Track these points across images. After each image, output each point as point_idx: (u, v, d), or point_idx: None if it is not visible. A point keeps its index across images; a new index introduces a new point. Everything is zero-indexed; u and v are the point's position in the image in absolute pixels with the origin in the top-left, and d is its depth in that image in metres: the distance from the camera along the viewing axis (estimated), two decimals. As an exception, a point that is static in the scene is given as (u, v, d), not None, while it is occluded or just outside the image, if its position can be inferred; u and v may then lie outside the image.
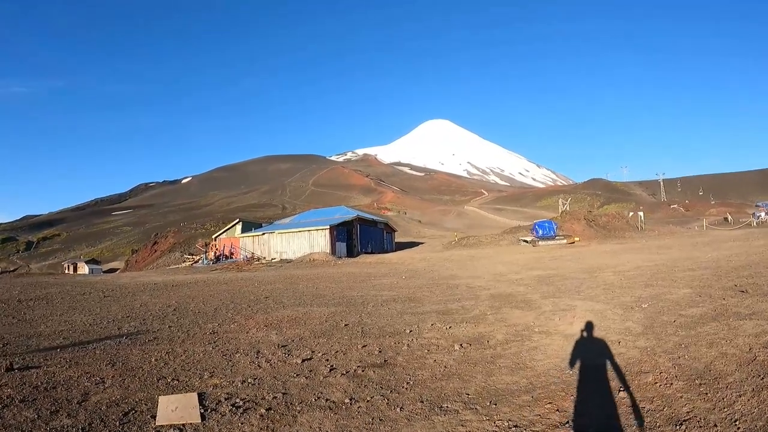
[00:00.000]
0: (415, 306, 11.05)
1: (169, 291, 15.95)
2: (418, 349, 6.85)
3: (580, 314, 8.51)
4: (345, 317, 9.72)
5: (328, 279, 19.66)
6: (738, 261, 15.22)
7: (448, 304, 11.02)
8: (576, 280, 13.95)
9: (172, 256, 62.48)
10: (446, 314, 9.70)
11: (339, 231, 41.00)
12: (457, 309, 10.26)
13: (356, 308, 10.93)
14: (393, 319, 9.33)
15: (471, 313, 9.61)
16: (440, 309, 10.40)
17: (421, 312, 10.13)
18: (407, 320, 9.18)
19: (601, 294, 10.72)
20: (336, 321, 9.32)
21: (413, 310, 10.39)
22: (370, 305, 11.33)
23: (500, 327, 8.02)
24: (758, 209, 59.01)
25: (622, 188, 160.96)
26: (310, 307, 11.21)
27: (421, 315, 9.76)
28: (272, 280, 20.32)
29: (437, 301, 11.64)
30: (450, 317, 9.30)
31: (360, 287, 15.87)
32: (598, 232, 41.38)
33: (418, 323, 8.79)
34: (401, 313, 10.05)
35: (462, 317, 9.21)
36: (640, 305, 8.87)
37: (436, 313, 9.95)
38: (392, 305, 11.26)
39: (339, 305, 11.46)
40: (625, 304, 9.20)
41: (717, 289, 9.81)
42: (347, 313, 10.30)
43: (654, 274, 13.73)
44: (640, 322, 7.55)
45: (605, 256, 22.39)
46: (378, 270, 23.99)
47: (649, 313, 8.19)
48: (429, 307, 10.72)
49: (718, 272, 12.68)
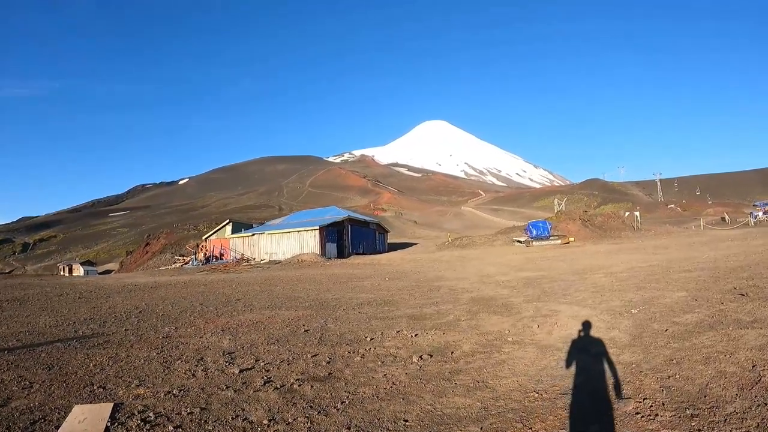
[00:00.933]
0: (389, 310, 10.27)
1: (145, 293, 15.43)
2: (372, 360, 6.07)
3: (563, 321, 7.66)
4: (309, 322, 9.02)
5: (309, 281, 18.84)
6: (736, 261, 14.40)
7: (424, 309, 10.20)
8: (564, 282, 13.10)
9: (163, 258, 62.06)
10: (418, 319, 8.89)
11: (329, 232, 40.16)
12: (431, 314, 9.43)
13: (325, 312, 10.22)
14: (359, 325, 8.60)
15: (444, 319, 8.76)
16: (414, 313, 9.59)
17: (392, 317, 9.34)
18: (374, 326, 8.43)
19: (588, 297, 9.87)
20: (298, 326, 8.66)
21: (385, 315, 9.63)
22: (341, 309, 10.68)
23: (471, 335, 7.17)
24: (756, 209, 58.22)
25: (619, 188, 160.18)
26: (277, 311, 10.60)
27: (391, 320, 8.97)
28: (252, 281, 19.56)
29: (413, 305, 10.81)
30: (421, 323, 8.47)
31: (338, 289, 15.13)
32: (594, 233, 40.59)
33: (384, 329, 8.02)
34: (371, 318, 9.30)
35: (433, 323, 8.38)
36: (630, 311, 8.03)
37: (407, 318, 9.14)
38: (365, 309, 10.56)
39: (309, 308, 10.80)
40: (614, 309, 8.36)
41: (714, 293, 8.97)
42: (314, 317, 9.60)
43: (648, 275, 12.89)
44: (627, 330, 6.70)
45: (599, 257, 21.56)
46: (364, 271, 23.13)
47: (639, 320, 7.34)
48: (402, 311, 9.92)
49: (716, 273, 11.85)
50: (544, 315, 8.37)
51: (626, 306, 8.53)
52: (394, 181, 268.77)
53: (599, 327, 7.08)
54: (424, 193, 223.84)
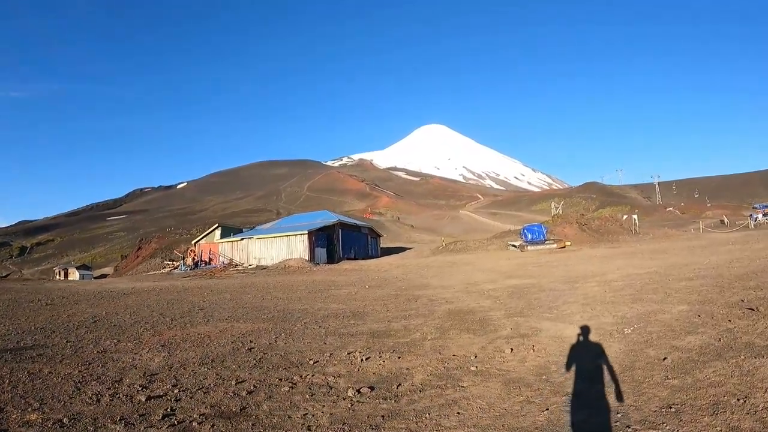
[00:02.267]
0: (353, 324, 9.24)
1: (114, 300, 14.63)
2: (301, 392, 5.12)
3: (542, 344, 6.53)
4: (260, 337, 8.08)
5: (285, 288, 17.73)
6: (741, 268, 13.27)
7: (392, 323, 9.12)
8: (554, 292, 11.96)
9: (153, 262, 61.23)
10: (379, 337, 7.82)
11: (318, 236, 39.03)
12: (397, 330, 8.33)
13: (284, 325, 9.22)
14: (311, 342, 7.62)
15: (409, 337, 7.65)
16: (378, 329, 8.52)
17: (353, 333, 8.33)
18: (327, 344, 7.44)
19: (577, 312, 8.73)
20: (245, 342, 7.75)
21: (346, 330, 8.61)
22: (302, 322, 9.72)
23: (430, 361, 6.05)
24: (755, 211, 57.01)
25: (618, 191, 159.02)
26: (235, 323, 9.70)
27: (350, 337, 7.94)
28: (227, 288, 18.56)
29: (382, 318, 9.73)
30: (380, 342, 7.40)
31: (311, 298, 14.17)
32: (591, 236, 39.44)
33: (336, 349, 7.02)
34: (329, 334, 8.29)
35: (394, 343, 7.28)
36: (623, 330, 6.89)
37: (369, 334, 8.08)
38: (328, 322, 9.58)
39: (269, 321, 9.84)
40: (604, 327, 7.22)
41: (720, 306, 7.84)
42: (269, 331, 8.65)
43: (645, 284, 11.75)
44: (617, 358, 5.56)
45: (594, 262, 20.42)
46: (348, 278, 21.99)
47: (632, 342, 6.21)
48: (367, 326, 8.87)
49: (720, 282, 10.72)
50: (522, 334, 7.23)
51: (619, 323, 7.40)
52: (392, 185, 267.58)
53: (584, 353, 5.94)
54: (422, 197, 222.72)
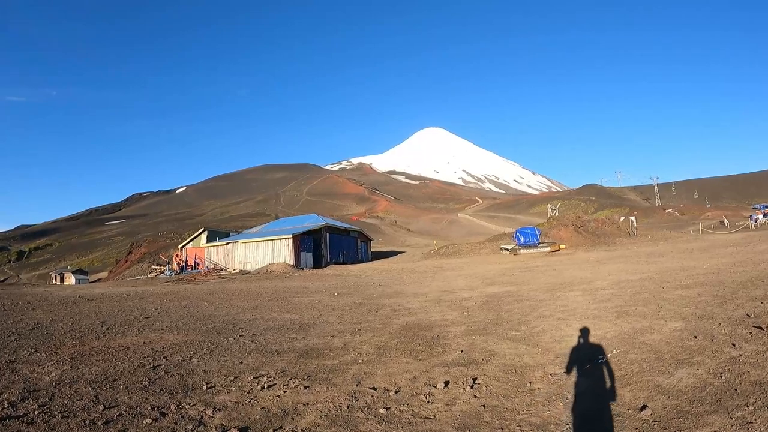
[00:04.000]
0: (292, 339, 8.04)
1: (72, 306, 13.73)
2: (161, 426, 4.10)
3: (488, 375, 5.09)
4: (178, 353, 7.05)
5: (249, 296, 16.41)
6: (744, 273, 11.82)
7: (336, 338, 7.86)
8: (531, 302, 10.50)
9: (140, 267, 60.59)
10: (309, 357, 6.64)
11: (304, 240, 37.65)
12: (335, 348, 7.07)
13: (214, 339, 8.18)
14: (228, 361, 6.49)
15: (340, 358, 6.33)
16: (314, 346, 7.30)
17: (283, 350, 7.14)
18: (243, 364, 6.35)
19: (549, 329, 7.28)
20: (157, 358, 6.72)
21: (278, 346, 7.41)
22: (238, 335, 8.52)
23: (340, 394, 4.69)
24: (755, 211, 55.42)
25: (616, 193, 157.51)
26: (167, 334, 8.79)
27: (275, 356, 6.77)
28: (192, 295, 17.30)
29: (327, 333, 8.50)
30: (304, 364, 6.21)
31: (267, 307, 12.92)
32: (587, 239, 37.96)
33: (246, 372, 5.92)
34: (255, 351, 7.10)
35: (318, 365, 6.06)
36: (597, 357, 5.43)
37: (299, 353, 6.89)
38: (266, 336, 8.45)
39: (203, 333, 8.85)
40: (574, 354, 5.76)
41: (721, 323, 6.40)
42: (192, 345, 7.63)
43: (635, 293, 10.30)
44: (580, 406, 4.11)
45: (585, 267, 18.95)
46: (323, 284, 20.57)
47: (604, 379, 4.75)
48: (305, 342, 7.69)
49: (721, 291, 9.26)
50: (470, 361, 5.79)
51: (594, 347, 5.94)
52: (391, 188, 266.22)
53: (536, 394, 4.48)
54: (421, 200, 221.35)
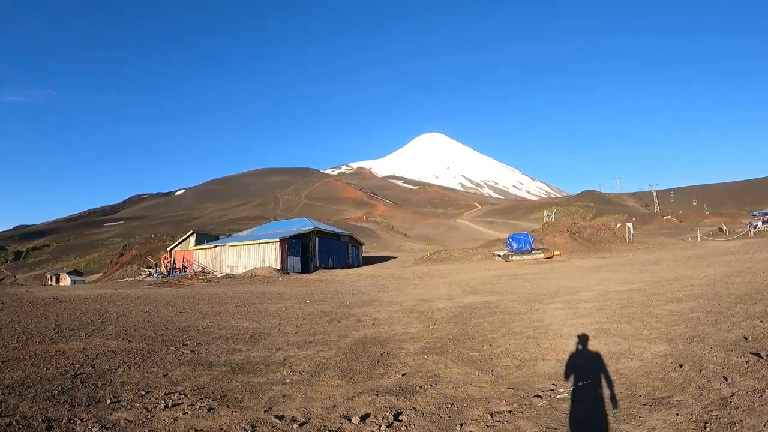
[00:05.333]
0: (235, 350, 7.47)
1: (40, 308, 13.11)
2: None
3: (417, 409, 4.09)
4: (109, 361, 6.63)
5: (217, 301, 15.78)
6: (742, 284, 10.86)
7: (280, 352, 7.34)
8: (506, 315, 9.52)
9: (129, 269, 60.36)
10: (240, 372, 6.12)
11: (292, 244, 36.68)
12: (273, 362, 6.65)
13: (154, 347, 7.66)
14: (153, 373, 6.02)
15: (269, 376, 5.78)
16: (253, 360, 6.73)
17: (219, 363, 6.64)
18: (167, 378, 5.84)
19: (512, 350, 6.30)
20: (85, 365, 6.27)
21: (215, 359, 6.95)
22: (181, 344, 7.95)
23: (239, 422, 3.79)
24: (755, 218, 54.45)
25: (615, 200, 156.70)
26: (112, 340, 8.21)
27: (206, 369, 6.37)
28: (161, 299, 16.49)
29: (275, 345, 7.90)
30: (229, 380, 5.76)
31: (230, 314, 12.20)
32: (582, 245, 36.99)
33: (164, 387, 5.55)
34: (187, 363, 6.67)
35: (243, 383, 5.65)
36: (558, 392, 4.46)
37: (233, 367, 6.34)
38: (210, 346, 7.79)
39: (149, 340, 8.28)
40: (532, 383, 4.80)
41: (713, 347, 5.43)
42: (129, 353, 7.18)
43: (621, 307, 9.32)
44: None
45: (575, 275, 17.97)
46: (301, 290, 19.62)
47: (559, 422, 3.79)
48: (246, 355, 7.13)
49: (716, 306, 8.30)
50: (407, 387, 4.83)
51: (558, 376, 4.97)
52: (390, 193, 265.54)
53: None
54: (419, 205, 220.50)
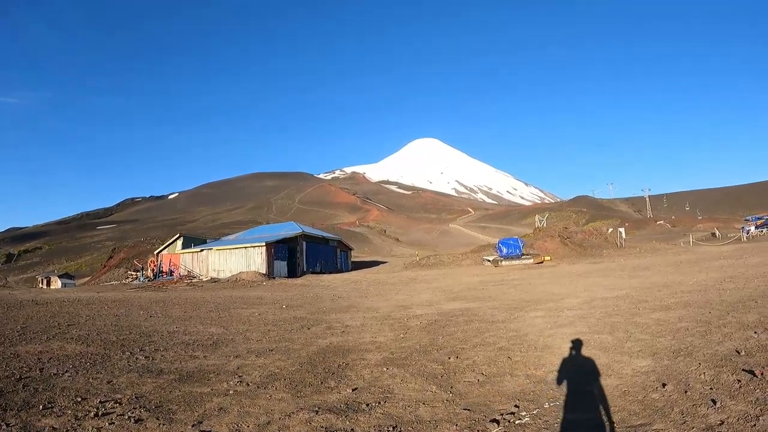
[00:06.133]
0: (190, 358, 7.27)
1: (16, 309, 12.95)
2: None
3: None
4: (59, 365, 6.44)
5: (193, 305, 15.44)
6: (735, 291, 10.29)
7: (235, 360, 6.97)
8: (483, 324, 8.88)
9: (117, 272, 59.84)
10: (185, 381, 5.84)
11: (278, 248, 35.97)
12: (222, 372, 6.31)
13: (110, 352, 7.40)
14: (94, 379, 5.74)
15: (215, 386, 5.47)
16: (205, 368, 6.50)
17: (169, 370, 6.46)
18: (111, 385, 5.56)
19: (480, 364, 5.67)
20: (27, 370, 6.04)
21: (166, 366, 6.61)
22: (139, 348, 7.74)
23: None
24: (747, 223, 54.41)
25: (608, 205, 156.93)
26: (73, 344, 7.92)
27: (153, 377, 5.97)
28: (136, 303, 16.00)
29: (234, 353, 7.55)
30: (167, 391, 5.42)
31: (200, 318, 11.85)
32: (573, 250, 36.52)
33: (95, 396, 5.05)
34: (135, 371, 6.25)
35: (181, 393, 5.18)
36: (517, 418, 3.81)
37: (179, 376, 6.09)
38: (168, 352, 7.53)
39: (107, 345, 7.96)
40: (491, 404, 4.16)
41: (701, 363, 4.82)
42: (82, 357, 6.98)
43: (606, 315, 8.72)
44: None
45: (563, 281, 17.40)
46: (282, 294, 18.99)
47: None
48: (201, 363, 6.92)
49: (707, 315, 7.71)
50: (353, 404, 4.18)
51: (524, 395, 4.33)
52: (383, 198, 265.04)
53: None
54: (413, 210, 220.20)
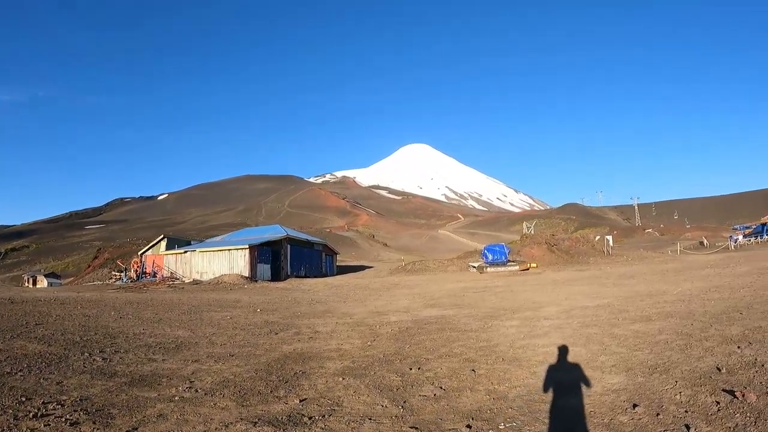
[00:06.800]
0: (149, 361, 7.13)
1: None
2: None
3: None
4: (12, 365, 6.29)
5: (168, 307, 14.84)
6: (719, 301, 9.91)
7: (192, 365, 6.82)
8: (455, 332, 8.37)
9: (101, 272, 59.19)
10: (135, 385, 5.61)
11: (262, 251, 35.36)
12: (176, 376, 6.04)
13: (70, 352, 7.32)
14: (43, 381, 5.65)
15: (163, 391, 4.22)
16: (160, 372, 6.34)
17: (123, 373, 6.22)
18: (56, 387, 5.40)
19: (442, 376, 5.14)
20: None
21: (123, 369, 6.49)
22: (96, 351, 7.50)
23: None
24: (735, 232, 54.84)
25: (597, 213, 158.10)
26: (35, 343, 7.79)
27: (101, 379, 5.86)
28: (110, 303, 15.34)
29: (192, 357, 7.30)
30: (114, 394, 4.62)
31: (170, 321, 11.38)
32: (560, 258, 36.25)
33: (31, 398, 4.89)
34: (89, 372, 6.32)
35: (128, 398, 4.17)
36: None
37: (131, 380, 5.88)
38: (126, 354, 7.41)
39: (68, 345, 7.79)
40: (440, 425, 3.64)
41: (678, 381, 4.35)
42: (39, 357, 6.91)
43: (582, 326, 8.25)
44: None
45: (546, 289, 16.99)
46: (260, 298, 18.41)
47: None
48: (158, 366, 6.61)
49: (688, 327, 7.27)
50: (296, 417, 3.69)
51: (481, 413, 3.82)
52: (373, 203, 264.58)
53: None
54: (402, 215, 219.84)
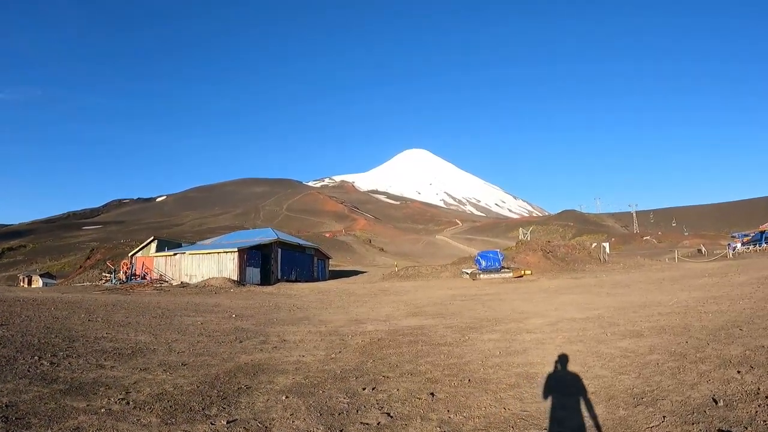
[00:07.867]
0: (96, 367, 6.52)
1: None
2: None
3: None
4: None
5: (142, 310, 14.04)
6: (718, 314, 9.21)
7: (140, 374, 6.14)
8: (428, 346, 7.64)
9: (92, 273, 58.87)
10: (70, 393, 4.85)
11: (251, 255, 34.63)
12: (116, 386, 5.43)
13: (21, 356, 7.16)
14: None
15: (95, 402, 3.56)
16: (102, 380, 6.07)
17: (65, 379, 6.03)
18: None
19: (395, 400, 4.44)
20: None
21: (67, 375, 6.16)
22: (48, 354, 7.34)
23: None
24: (734, 240, 54.25)
25: (595, 219, 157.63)
26: None
27: (37, 385, 5.58)
28: (89, 306, 14.66)
29: (143, 365, 6.72)
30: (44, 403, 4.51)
31: (138, 325, 10.70)
32: (555, 265, 35.55)
33: None
34: (27, 377, 5.92)
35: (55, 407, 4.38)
36: None
37: (69, 387, 5.62)
38: (76, 360, 7.13)
39: (22, 348, 7.62)
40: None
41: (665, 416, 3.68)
42: None
43: (567, 342, 7.54)
44: None
45: (536, 298, 16.27)
46: (242, 302, 17.74)
47: None
48: (105, 373, 6.11)
49: (683, 345, 6.56)
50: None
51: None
52: (371, 207, 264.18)
53: None
54: (400, 220, 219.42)
